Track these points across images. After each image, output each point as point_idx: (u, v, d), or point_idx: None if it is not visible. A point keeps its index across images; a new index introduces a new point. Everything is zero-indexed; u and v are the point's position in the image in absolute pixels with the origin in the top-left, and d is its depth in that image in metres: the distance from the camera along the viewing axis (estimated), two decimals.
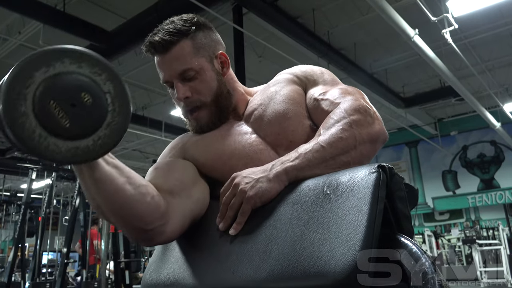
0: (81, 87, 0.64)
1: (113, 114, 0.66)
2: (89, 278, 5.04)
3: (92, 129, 0.64)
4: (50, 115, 0.61)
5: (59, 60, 0.64)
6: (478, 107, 8.25)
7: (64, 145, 0.62)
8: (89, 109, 0.64)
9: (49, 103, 0.61)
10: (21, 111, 0.60)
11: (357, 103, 0.85)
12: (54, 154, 0.62)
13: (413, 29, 5.45)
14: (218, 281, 0.75)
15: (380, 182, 0.64)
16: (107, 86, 0.66)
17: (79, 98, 0.63)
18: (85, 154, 0.64)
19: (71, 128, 0.62)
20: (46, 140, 0.61)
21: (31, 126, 0.60)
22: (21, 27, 6.29)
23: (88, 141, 0.64)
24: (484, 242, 8.84)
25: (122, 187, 0.74)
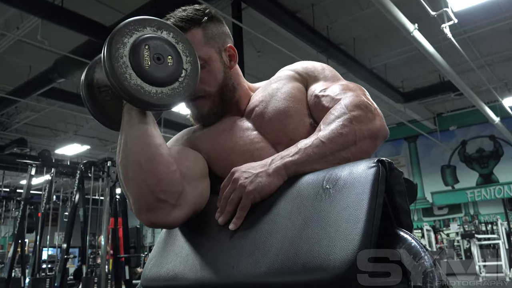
0: (165, 50, 0.82)
1: (190, 64, 0.85)
2: (89, 273, 5.05)
3: (175, 77, 0.82)
4: (140, 55, 0.78)
5: (144, 26, 0.82)
6: (477, 102, 8.25)
7: (167, 89, 0.80)
8: (172, 62, 0.82)
9: (144, 46, 0.79)
10: (128, 72, 0.77)
11: (358, 99, 0.85)
12: (163, 98, 0.79)
13: (412, 24, 5.44)
14: (218, 276, 0.75)
15: (379, 176, 0.64)
16: (180, 47, 0.85)
17: (163, 57, 0.81)
18: (180, 92, 0.82)
19: (150, 71, 0.78)
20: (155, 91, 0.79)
21: (136, 83, 0.77)
22: (19, 22, 6.26)
23: (175, 85, 0.81)
24: (482, 236, 8.87)
25: (159, 145, 0.81)
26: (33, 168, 5.90)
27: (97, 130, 11.24)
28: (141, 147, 0.80)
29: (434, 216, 12.35)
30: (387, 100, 9.34)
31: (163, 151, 0.81)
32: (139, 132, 0.81)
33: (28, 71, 7.63)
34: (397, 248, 0.62)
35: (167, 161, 0.81)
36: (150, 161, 0.79)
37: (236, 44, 4.39)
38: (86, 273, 5.03)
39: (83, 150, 11.99)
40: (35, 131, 11.10)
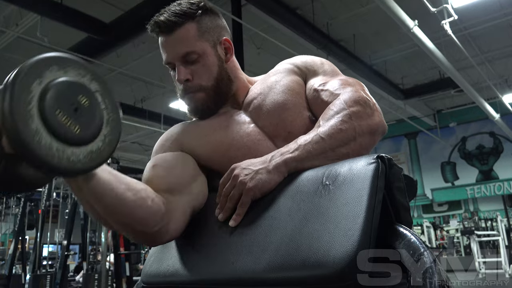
0: (76, 91, 0.64)
1: (107, 111, 0.67)
2: (90, 270, 5.06)
3: (97, 130, 0.65)
4: (61, 126, 0.60)
5: (47, 68, 0.63)
6: (477, 98, 8.24)
7: (81, 153, 0.63)
8: (89, 110, 0.64)
9: (56, 113, 0.60)
10: (34, 129, 0.58)
11: (357, 94, 0.85)
12: (75, 164, 0.62)
13: (412, 20, 5.43)
14: (217, 272, 0.75)
15: (379, 172, 0.65)
16: (94, 85, 0.67)
17: (78, 102, 0.63)
18: (99, 155, 0.65)
19: (82, 134, 0.63)
20: (65, 153, 0.60)
21: (46, 142, 0.59)
22: (18, 19, 6.25)
23: (98, 143, 0.65)
24: (482, 233, 8.88)
25: (123, 195, 0.75)
26: None
27: None
28: (107, 206, 0.74)
29: (434, 213, 12.37)
30: (387, 97, 9.34)
31: (131, 196, 0.76)
32: (97, 197, 0.72)
33: None
34: (396, 244, 0.62)
35: (140, 200, 0.77)
36: (124, 215, 0.76)
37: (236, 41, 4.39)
38: (87, 270, 5.04)
39: None
40: None
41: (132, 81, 8.86)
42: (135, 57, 7.56)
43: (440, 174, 12.13)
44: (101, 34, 5.79)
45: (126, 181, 0.77)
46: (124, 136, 11.85)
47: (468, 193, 11.64)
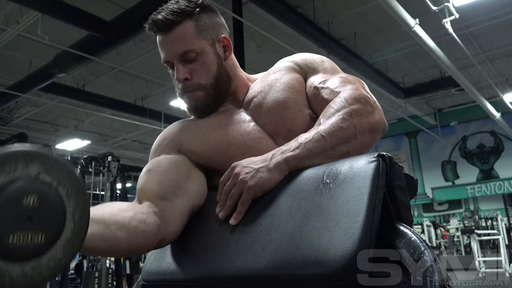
0: (16, 197, 0.52)
1: (62, 184, 0.56)
2: (90, 268, 5.07)
3: (62, 215, 0.56)
4: (22, 248, 0.51)
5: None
6: (478, 97, 8.24)
7: (57, 251, 0.55)
8: (43, 205, 0.54)
9: (10, 241, 0.51)
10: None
11: (357, 92, 0.85)
12: (59, 264, 0.55)
13: (413, 19, 5.43)
14: (218, 270, 0.75)
15: (379, 171, 0.65)
16: (33, 168, 0.54)
17: (27, 207, 0.52)
18: (78, 236, 0.57)
19: (48, 235, 0.54)
20: (41, 265, 0.53)
21: (18, 273, 0.51)
22: (19, 17, 6.25)
23: (70, 226, 0.56)
24: (482, 232, 8.88)
25: (115, 238, 0.73)
26: None
27: (98, 125, 11.25)
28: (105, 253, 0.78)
29: (434, 212, 12.37)
30: (387, 96, 9.33)
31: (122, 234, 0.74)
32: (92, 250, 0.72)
33: (29, 66, 7.63)
34: (397, 243, 0.62)
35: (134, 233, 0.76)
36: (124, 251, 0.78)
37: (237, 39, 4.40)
38: (87, 268, 5.05)
39: (84, 145, 12.00)
40: (36, 126, 11.10)
41: (132, 79, 8.86)
42: (135, 55, 7.56)
43: (440, 173, 12.14)
44: (101, 32, 5.79)
45: (114, 219, 0.75)
46: (124, 135, 11.86)
47: (469, 192, 11.65)
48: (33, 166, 0.54)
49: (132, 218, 0.77)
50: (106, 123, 11.01)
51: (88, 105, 9.22)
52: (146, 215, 0.80)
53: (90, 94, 8.75)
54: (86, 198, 0.58)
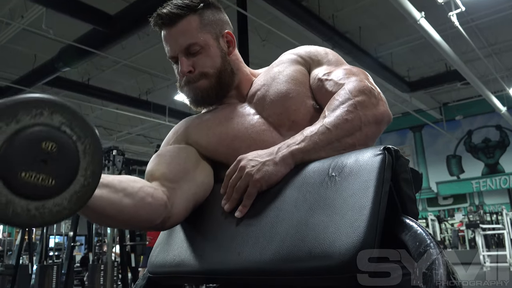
0: (36, 140, 0.56)
1: (81, 140, 0.60)
2: (96, 261, 5.11)
3: (75, 168, 0.59)
4: (31, 186, 0.54)
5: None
6: (484, 91, 8.18)
7: (63, 199, 0.58)
8: (59, 153, 0.57)
9: (22, 176, 0.54)
10: (4, 202, 0.53)
11: (362, 84, 0.85)
12: (60, 212, 0.57)
13: (419, 12, 5.38)
14: (223, 262, 0.75)
15: (385, 164, 0.64)
16: (57, 119, 0.58)
17: (43, 151, 0.56)
18: (85, 192, 0.60)
19: (58, 182, 0.57)
20: (45, 208, 0.56)
21: (23, 208, 0.54)
22: (23, 11, 6.25)
23: (80, 180, 0.59)
24: (487, 226, 8.86)
25: (121, 203, 0.75)
26: None
27: (102, 119, 11.28)
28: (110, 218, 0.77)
29: (439, 206, 12.34)
30: (392, 89, 9.29)
31: (129, 202, 0.77)
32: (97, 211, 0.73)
33: (33, 60, 7.64)
34: (402, 236, 0.62)
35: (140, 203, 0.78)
36: (128, 221, 0.80)
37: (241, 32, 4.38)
38: (93, 261, 5.09)
39: None
40: None
41: (137, 74, 8.86)
42: (140, 49, 7.56)
43: (445, 167, 12.10)
44: (106, 26, 5.78)
45: (122, 186, 0.77)
46: (129, 129, 11.89)
47: (474, 186, 11.60)
48: (57, 116, 0.58)
49: (141, 189, 0.80)
50: (111, 117, 11.03)
51: (93, 99, 9.24)
52: (155, 190, 0.82)
53: (95, 88, 8.77)
54: (101, 158, 0.62)
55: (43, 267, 4.98)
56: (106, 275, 4.58)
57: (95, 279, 4.59)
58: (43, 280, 4.83)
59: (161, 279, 0.91)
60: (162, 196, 0.82)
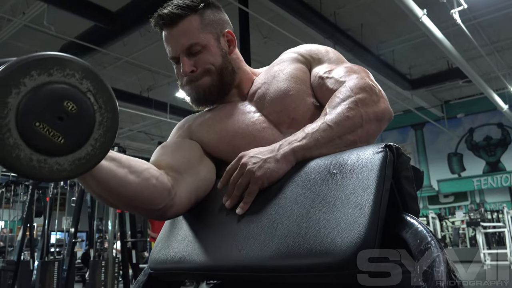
0: (60, 96, 0.59)
1: (101, 111, 0.62)
2: (97, 257, 5.12)
3: (87, 135, 0.61)
4: (41, 137, 0.57)
5: (27, 75, 0.57)
6: (485, 89, 8.16)
7: (66, 161, 0.59)
8: (77, 116, 0.59)
9: (35, 125, 0.56)
10: (11, 144, 0.55)
11: (363, 81, 0.85)
12: (59, 172, 0.59)
13: (421, 9, 5.37)
14: (224, 259, 0.76)
15: (386, 161, 0.64)
16: (85, 85, 0.61)
17: (63, 109, 0.58)
18: (88, 161, 0.61)
19: (67, 143, 0.59)
20: (46, 164, 0.58)
21: (26, 155, 0.56)
22: (25, 8, 6.24)
23: (87, 148, 0.61)
24: (488, 224, 8.85)
25: (126, 179, 0.76)
26: None
27: None
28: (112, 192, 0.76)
29: (440, 204, 12.34)
30: (394, 87, 9.27)
31: (133, 179, 0.77)
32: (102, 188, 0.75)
33: None
34: (403, 233, 0.62)
35: (143, 182, 0.79)
36: (130, 199, 0.79)
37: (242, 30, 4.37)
38: (94, 257, 5.10)
39: None
40: None
41: (138, 70, 8.86)
42: (141, 46, 7.55)
43: (446, 165, 12.08)
44: (107, 23, 5.78)
45: (129, 163, 0.78)
46: (130, 125, 11.89)
47: (475, 184, 11.59)
48: (86, 82, 0.61)
49: (147, 170, 0.81)
50: None
51: None
52: (160, 174, 0.83)
53: None
54: (114, 135, 0.64)
55: (44, 263, 4.99)
56: (107, 271, 4.59)
57: (96, 276, 4.61)
58: (44, 276, 4.84)
59: (162, 276, 0.91)
60: (167, 182, 0.82)
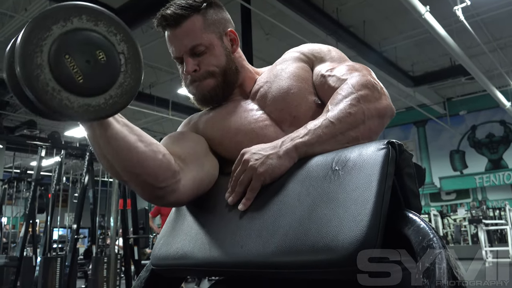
0: (96, 44, 0.65)
1: (125, 75, 0.67)
2: (99, 253, 5.14)
3: (104, 88, 0.65)
4: (64, 69, 0.62)
5: (77, 16, 0.64)
6: (488, 86, 8.14)
7: (76, 101, 0.63)
8: (102, 67, 0.65)
9: (65, 56, 0.62)
10: (37, 63, 0.61)
11: (364, 78, 0.86)
12: (67, 108, 0.63)
13: (424, 6, 5.35)
14: (226, 255, 0.76)
15: (389, 158, 0.64)
16: (122, 47, 0.67)
17: (94, 55, 0.64)
18: (96, 111, 0.65)
19: (84, 84, 0.63)
20: (59, 94, 0.62)
21: (45, 78, 0.61)
22: (27, 4, 6.25)
23: (100, 99, 0.65)
24: (490, 222, 8.85)
25: (134, 144, 0.77)
26: (43, 150, 5.95)
27: None
28: (119, 157, 0.77)
29: (442, 201, 12.33)
30: (396, 84, 9.25)
31: (142, 146, 0.78)
32: (110, 143, 0.75)
33: None
34: (405, 230, 0.62)
35: (151, 153, 0.79)
36: (136, 165, 0.78)
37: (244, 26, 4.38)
38: (96, 253, 5.12)
39: None
40: None
41: None
42: (143, 43, 7.55)
43: (448, 163, 12.06)
44: None
45: (140, 133, 0.80)
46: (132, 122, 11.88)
47: (477, 182, 11.58)
48: (124, 45, 0.68)
49: (156, 144, 0.82)
50: None
51: None
52: (168, 154, 0.83)
53: None
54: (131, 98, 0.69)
55: (47, 259, 5.01)
56: (109, 267, 4.61)
57: (98, 272, 4.62)
58: (47, 272, 4.87)
59: (164, 272, 0.92)
60: (173, 164, 0.82)
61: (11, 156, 12.95)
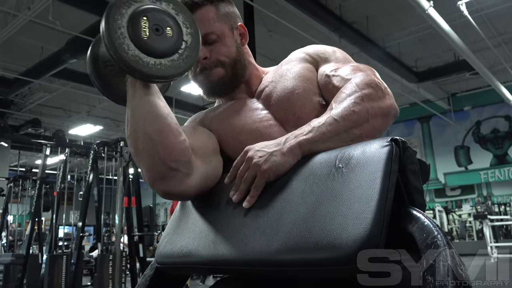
0: (170, 23, 0.80)
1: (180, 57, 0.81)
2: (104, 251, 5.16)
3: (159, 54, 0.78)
4: (137, 26, 0.77)
5: (167, 2, 0.83)
6: (493, 81, 8.09)
7: (136, 53, 0.76)
8: (167, 39, 0.79)
9: (142, 18, 0.77)
10: (121, 12, 0.77)
11: (368, 78, 0.86)
12: (127, 55, 0.75)
13: (427, 1, 5.31)
14: (230, 253, 0.76)
15: (392, 155, 0.64)
16: (187, 37, 0.83)
17: (164, 27, 0.79)
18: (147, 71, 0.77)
19: (146, 44, 0.77)
20: (128, 49, 0.75)
21: (123, 33, 0.76)
22: (30, 3, 6.26)
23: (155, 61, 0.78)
24: (495, 217, 8.82)
25: (165, 115, 0.82)
26: (47, 148, 5.98)
27: (110, 111, 11.33)
28: (148, 119, 0.80)
29: (447, 197, 12.30)
30: (400, 80, 9.21)
31: (170, 120, 0.82)
32: (145, 105, 0.81)
33: (41, 52, 7.67)
34: (409, 227, 0.62)
35: (175, 130, 0.81)
36: (159, 132, 0.79)
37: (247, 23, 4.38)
38: (101, 251, 5.14)
39: (96, 131, 12.12)
40: (49, 111, 11.22)
41: None
42: None
43: (453, 158, 12.02)
44: None
45: (171, 112, 0.85)
46: None
47: (482, 177, 11.53)
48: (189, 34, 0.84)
49: (177, 124, 0.84)
50: (118, 108, 11.05)
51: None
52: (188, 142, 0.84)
53: None
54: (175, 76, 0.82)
55: (52, 257, 5.05)
56: (115, 265, 4.64)
57: (103, 269, 4.65)
58: (53, 269, 4.90)
59: (168, 270, 0.92)
60: (190, 152, 0.83)
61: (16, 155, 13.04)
